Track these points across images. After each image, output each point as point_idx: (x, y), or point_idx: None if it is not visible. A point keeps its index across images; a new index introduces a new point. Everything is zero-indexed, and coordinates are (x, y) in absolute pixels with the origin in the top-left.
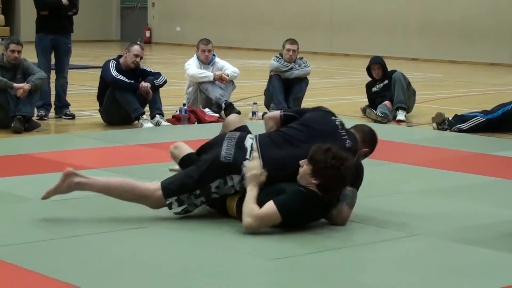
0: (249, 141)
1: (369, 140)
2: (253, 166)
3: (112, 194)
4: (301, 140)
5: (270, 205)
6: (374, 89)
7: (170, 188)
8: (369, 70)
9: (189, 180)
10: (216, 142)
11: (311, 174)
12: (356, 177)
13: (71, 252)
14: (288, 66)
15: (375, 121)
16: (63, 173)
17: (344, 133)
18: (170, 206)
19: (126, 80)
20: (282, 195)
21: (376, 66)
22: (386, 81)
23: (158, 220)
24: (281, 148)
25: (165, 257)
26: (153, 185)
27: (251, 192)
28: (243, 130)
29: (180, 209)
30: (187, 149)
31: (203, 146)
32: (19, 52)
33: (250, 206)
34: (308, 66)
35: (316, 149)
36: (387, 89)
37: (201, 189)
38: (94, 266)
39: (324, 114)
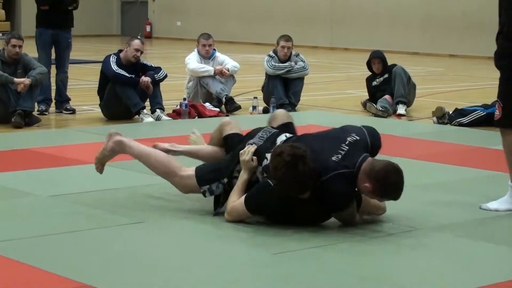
0: (282, 138)
1: (374, 178)
2: (244, 151)
3: (148, 162)
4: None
5: (241, 199)
6: (374, 83)
7: (203, 176)
8: (369, 64)
9: (222, 167)
10: (253, 132)
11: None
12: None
13: (71, 247)
14: (284, 68)
15: (375, 115)
16: (107, 133)
17: (344, 150)
18: (204, 194)
19: (127, 74)
20: (253, 187)
21: (376, 60)
22: (386, 75)
23: (159, 214)
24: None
25: (165, 251)
26: (187, 170)
27: (241, 179)
28: (289, 127)
29: (217, 209)
30: (234, 128)
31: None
32: (20, 47)
33: (229, 198)
34: (306, 69)
35: (276, 147)
36: (387, 83)
37: (228, 176)
38: (94, 261)
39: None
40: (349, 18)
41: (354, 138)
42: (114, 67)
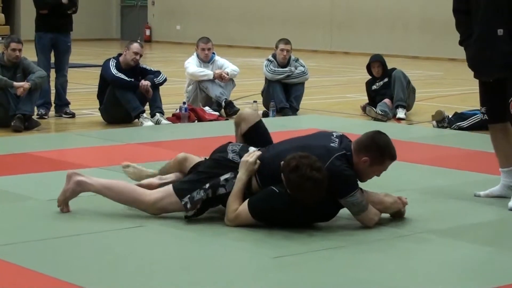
0: (252, 148)
1: (365, 148)
2: (249, 153)
3: (111, 194)
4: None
5: (244, 206)
6: (374, 87)
7: (182, 188)
8: (369, 68)
9: (201, 176)
10: (219, 150)
11: (284, 183)
12: (334, 185)
13: (71, 251)
14: (284, 73)
15: (375, 119)
16: (66, 175)
17: (336, 139)
18: (185, 206)
19: (126, 78)
20: (257, 194)
21: (376, 64)
22: (386, 79)
23: (159, 218)
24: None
25: (165, 256)
26: (154, 192)
27: (239, 183)
28: (259, 128)
29: (192, 212)
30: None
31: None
32: (19, 50)
33: (229, 206)
34: (306, 74)
35: (285, 164)
36: (387, 87)
37: (210, 182)
38: (94, 264)
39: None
40: (349, 22)
41: (339, 134)
42: (114, 71)
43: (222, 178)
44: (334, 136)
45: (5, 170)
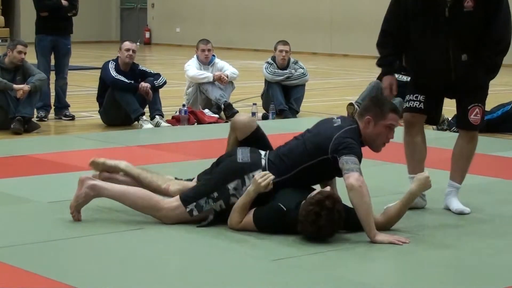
0: (262, 152)
1: (365, 109)
2: (263, 174)
3: (127, 200)
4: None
5: (249, 217)
6: (396, 75)
7: (188, 195)
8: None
9: (207, 183)
10: (229, 153)
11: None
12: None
13: (70, 253)
14: (283, 75)
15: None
16: (79, 179)
17: (337, 119)
18: (191, 214)
19: (126, 80)
20: (264, 207)
21: None
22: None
23: (158, 221)
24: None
25: (165, 258)
26: (171, 201)
27: (247, 197)
28: (256, 135)
29: (206, 222)
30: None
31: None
32: (25, 53)
33: (234, 216)
34: (306, 75)
35: (311, 197)
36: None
37: (218, 191)
38: (93, 267)
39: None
40: (348, 25)
41: (337, 116)
42: (113, 73)
43: (231, 187)
44: (335, 118)
45: (5, 172)
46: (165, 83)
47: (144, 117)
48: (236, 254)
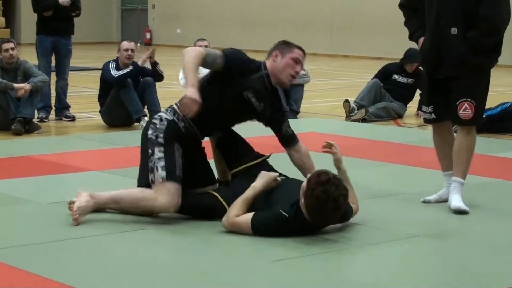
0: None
1: (271, 50)
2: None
3: (124, 204)
4: None
5: (247, 218)
6: (396, 76)
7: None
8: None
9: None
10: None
11: (303, 193)
12: None
13: (71, 254)
14: None
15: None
16: (77, 194)
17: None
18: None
19: (126, 70)
20: (264, 212)
21: (416, 65)
22: (411, 80)
23: (159, 221)
24: None
25: (165, 259)
26: (157, 194)
27: (252, 191)
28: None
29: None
30: None
31: None
32: (12, 49)
33: (233, 208)
34: (308, 76)
35: (315, 175)
36: (409, 88)
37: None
38: (94, 268)
39: None
40: (348, 25)
41: None
42: (114, 72)
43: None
44: None
45: (5, 173)
46: (163, 77)
47: (145, 118)
48: (236, 254)
